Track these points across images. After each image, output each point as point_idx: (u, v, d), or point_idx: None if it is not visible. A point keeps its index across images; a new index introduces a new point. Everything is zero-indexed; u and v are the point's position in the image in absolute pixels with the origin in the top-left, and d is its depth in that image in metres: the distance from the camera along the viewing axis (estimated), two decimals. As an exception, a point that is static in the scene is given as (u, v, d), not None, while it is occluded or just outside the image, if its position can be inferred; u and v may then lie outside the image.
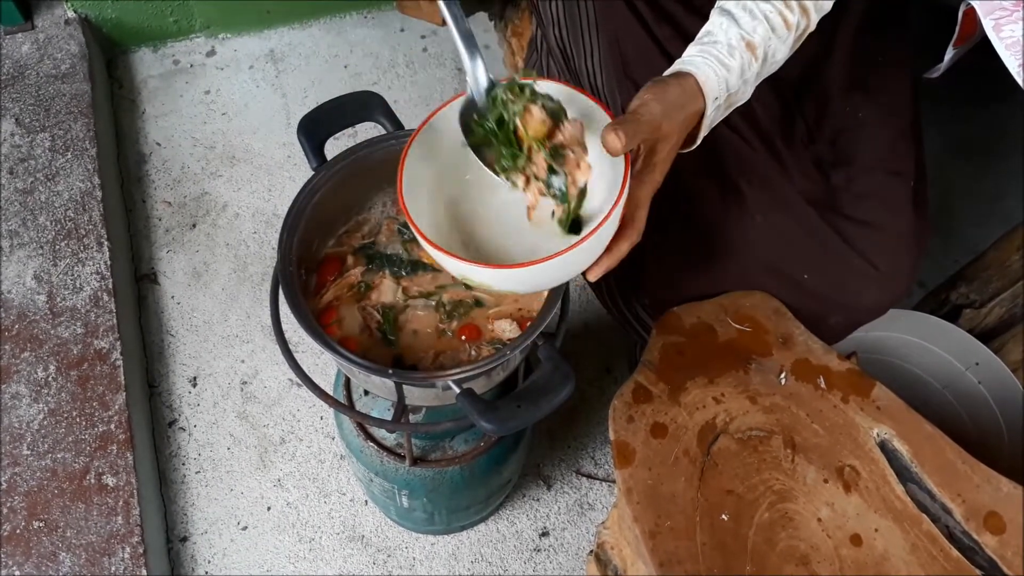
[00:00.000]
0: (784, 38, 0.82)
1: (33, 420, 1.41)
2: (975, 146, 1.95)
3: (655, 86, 0.78)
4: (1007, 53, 0.93)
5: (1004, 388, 1.33)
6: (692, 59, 0.80)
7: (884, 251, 1.06)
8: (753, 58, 0.81)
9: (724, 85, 0.80)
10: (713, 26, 0.82)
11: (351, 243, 1.00)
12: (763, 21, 0.81)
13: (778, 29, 0.81)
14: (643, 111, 0.75)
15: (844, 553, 0.91)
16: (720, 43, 0.80)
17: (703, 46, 0.81)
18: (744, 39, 0.80)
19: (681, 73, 0.79)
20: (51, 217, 1.61)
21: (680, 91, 0.78)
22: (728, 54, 0.79)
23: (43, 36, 1.84)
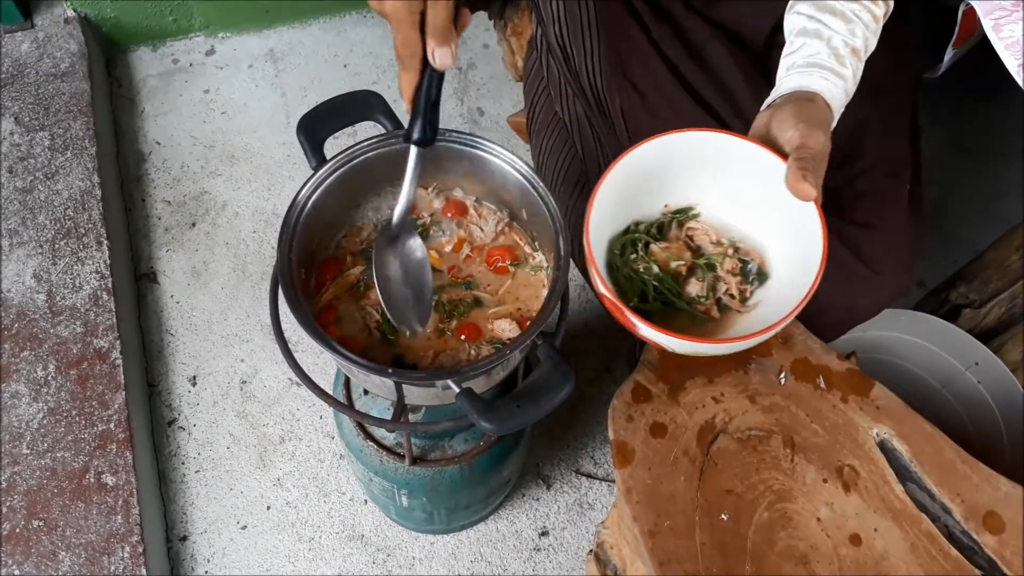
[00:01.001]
0: (875, 31, 0.83)
1: (33, 419, 1.41)
2: (974, 146, 1.95)
3: (802, 112, 0.77)
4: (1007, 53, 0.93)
5: (1003, 388, 1.33)
6: (808, 80, 0.80)
7: (882, 252, 1.06)
8: (859, 62, 0.81)
9: (844, 95, 0.81)
10: (807, 37, 0.81)
11: (350, 248, 1.00)
12: (858, 22, 0.81)
13: (870, 25, 0.82)
14: (811, 143, 0.75)
15: (843, 553, 0.91)
16: (824, 54, 0.80)
17: (809, 62, 0.80)
18: (848, 45, 0.80)
19: (808, 93, 0.79)
20: (50, 216, 1.61)
21: (821, 112, 0.78)
22: (840, 64, 0.80)
23: (42, 35, 1.83)
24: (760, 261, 0.87)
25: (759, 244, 0.88)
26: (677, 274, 0.87)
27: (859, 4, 0.81)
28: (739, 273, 0.86)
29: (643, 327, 0.77)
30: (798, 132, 0.76)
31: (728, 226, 0.90)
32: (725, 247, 0.88)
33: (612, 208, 0.85)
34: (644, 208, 0.90)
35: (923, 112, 1.16)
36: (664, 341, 0.77)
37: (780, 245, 0.86)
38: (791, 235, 0.82)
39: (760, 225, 0.88)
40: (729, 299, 0.86)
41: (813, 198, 0.73)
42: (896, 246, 1.07)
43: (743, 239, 0.89)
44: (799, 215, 0.78)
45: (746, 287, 0.87)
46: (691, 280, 0.87)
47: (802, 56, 0.81)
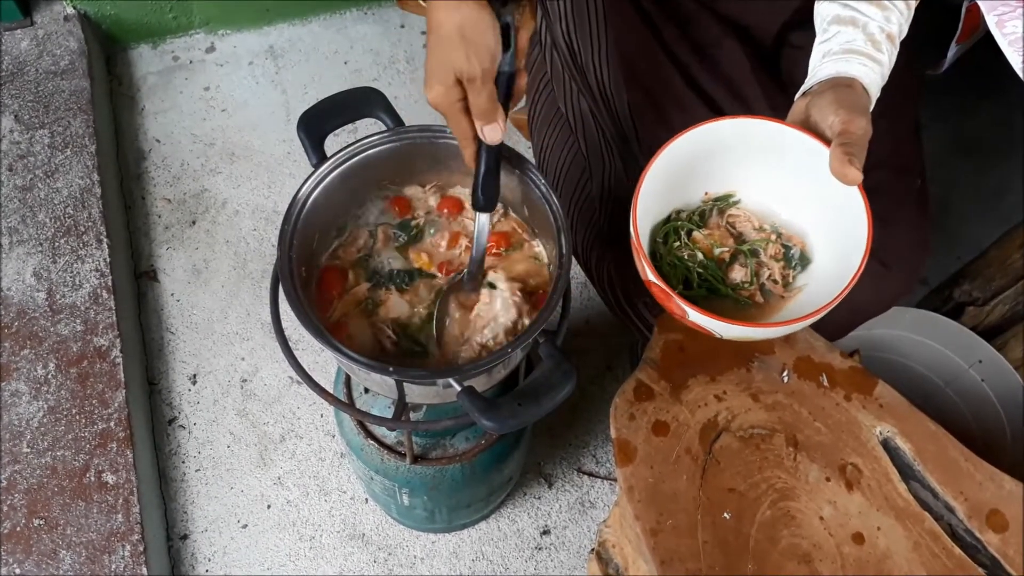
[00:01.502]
0: (908, 18, 0.83)
1: (33, 418, 1.41)
2: (978, 143, 1.94)
3: (843, 98, 0.78)
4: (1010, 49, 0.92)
5: (1007, 385, 1.33)
6: (846, 66, 0.80)
7: (892, 247, 1.06)
8: (894, 48, 0.82)
9: (881, 80, 0.81)
10: (843, 25, 0.82)
11: (348, 258, 0.99)
12: (893, 9, 0.81)
13: (904, 12, 0.82)
14: (854, 128, 0.75)
15: (846, 551, 0.90)
16: (858, 40, 0.80)
17: (846, 48, 0.80)
18: (884, 31, 0.80)
19: (847, 79, 0.79)
20: (50, 214, 1.60)
21: (861, 98, 0.78)
22: (876, 50, 0.80)
23: (42, 32, 1.83)
24: (802, 246, 0.88)
25: (800, 230, 0.88)
26: (720, 260, 0.87)
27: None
28: (782, 258, 0.87)
29: (693, 313, 0.76)
30: (839, 118, 0.76)
31: (769, 212, 0.90)
32: (768, 232, 0.88)
33: (655, 197, 0.85)
34: (685, 196, 0.90)
35: (926, 109, 1.16)
36: (714, 326, 0.77)
37: (822, 230, 0.86)
38: (833, 220, 0.82)
39: (801, 211, 0.88)
40: (772, 284, 0.87)
41: (858, 181, 0.73)
42: (906, 241, 1.07)
43: (784, 225, 0.89)
44: (842, 200, 0.78)
45: (789, 272, 0.87)
46: (734, 266, 0.87)
47: (838, 43, 0.81)
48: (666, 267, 0.87)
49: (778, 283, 0.86)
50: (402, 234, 1.00)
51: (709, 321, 0.76)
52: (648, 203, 0.84)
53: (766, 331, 0.80)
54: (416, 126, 0.97)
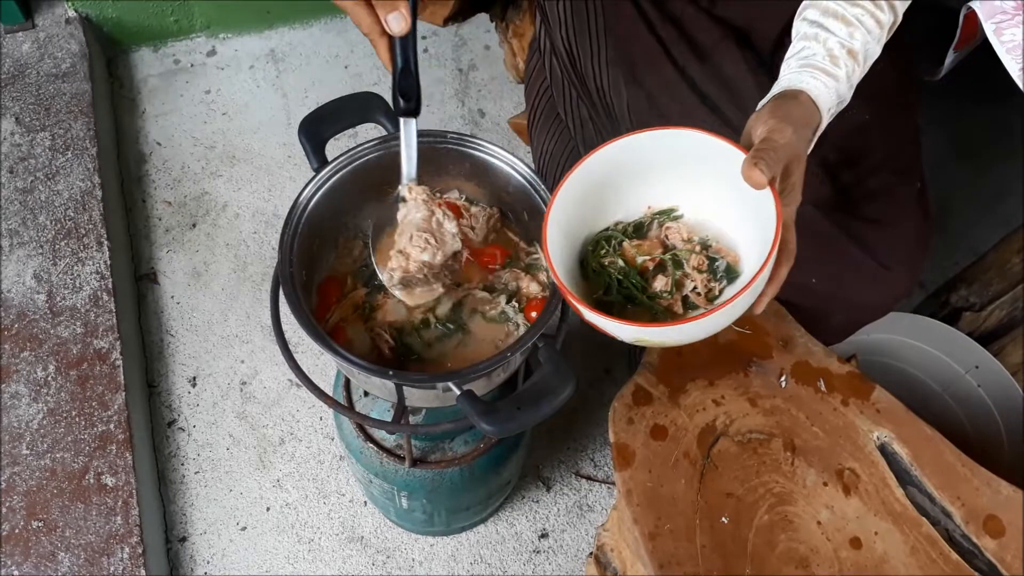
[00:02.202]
0: (879, 38, 0.83)
1: (32, 420, 1.41)
2: (976, 148, 1.95)
3: (777, 109, 0.78)
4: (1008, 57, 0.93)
5: (1004, 391, 1.33)
6: (796, 77, 0.80)
7: (893, 249, 1.06)
8: (856, 64, 0.81)
9: (835, 95, 0.80)
10: (807, 40, 0.82)
11: (345, 270, 0.99)
12: (859, 26, 0.81)
13: (873, 31, 0.82)
14: (777, 137, 0.75)
15: (844, 555, 0.91)
16: (820, 55, 0.80)
17: (803, 61, 0.81)
18: (845, 47, 0.80)
19: (793, 91, 0.79)
20: (51, 216, 1.61)
21: (801, 109, 0.78)
22: (833, 64, 0.80)
23: (44, 35, 1.83)
24: (732, 259, 0.87)
25: (733, 241, 0.88)
26: (644, 269, 0.87)
27: (861, 9, 0.81)
28: (706, 270, 0.86)
29: (587, 312, 0.76)
30: (767, 127, 0.76)
31: (706, 225, 0.89)
32: (693, 244, 0.87)
33: (583, 207, 0.85)
34: (627, 208, 0.90)
35: (924, 114, 1.16)
36: (606, 325, 0.76)
37: (751, 240, 0.85)
38: (758, 229, 0.81)
39: (734, 222, 0.87)
40: (696, 296, 0.85)
41: (764, 185, 0.73)
42: (906, 242, 1.07)
43: (719, 237, 0.88)
44: (760, 206, 0.77)
45: (714, 285, 0.86)
46: (658, 276, 0.86)
47: (797, 59, 0.82)
48: (591, 273, 0.87)
49: (701, 295, 0.85)
50: None
51: (600, 319, 0.76)
52: (575, 211, 0.84)
53: (651, 331, 0.77)
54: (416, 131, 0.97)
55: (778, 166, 0.74)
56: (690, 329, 0.76)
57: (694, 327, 0.76)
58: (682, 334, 0.78)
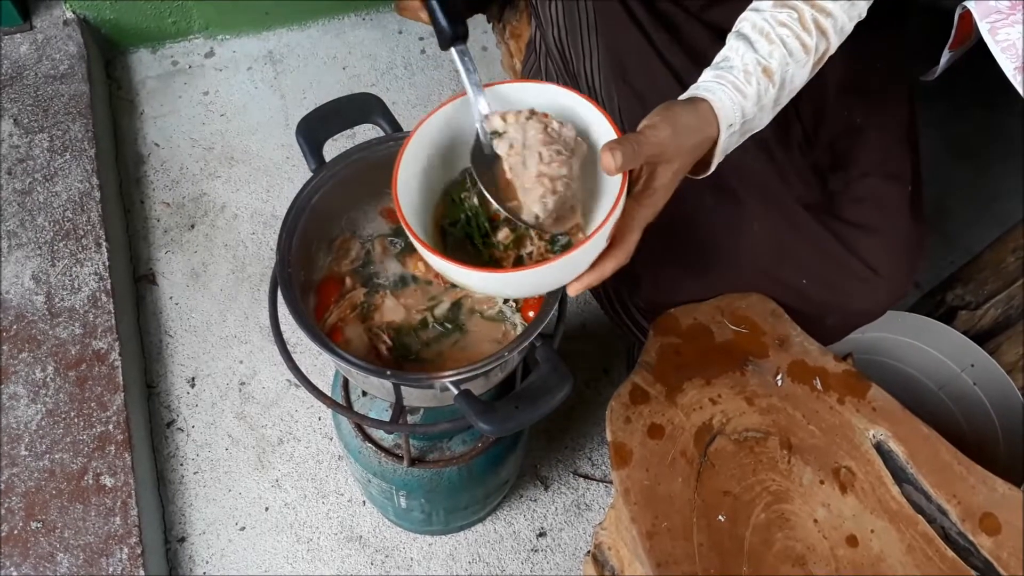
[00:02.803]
0: (803, 62, 0.81)
1: (31, 421, 1.41)
2: (971, 147, 1.95)
3: (666, 109, 0.77)
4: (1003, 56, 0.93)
5: (999, 390, 1.34)
6: (708, 84, 0.79)
7: (883, 254, 1.06)
8: (771, 84, 0.80)
9: (740, 112, 0.79)
10: (730, 51, 0.81)
11: (341, 271, 0.99)
12: (780, 45, 0.79)
13: (795, 53, 0.80)
14: (649, 133, 0.75)
15: (840, 554, 0.91)
16: (736, 68, 0.79)
17: (719, 71, 0.80)
18: (761, 64, 0.79)
19: (696, 99, 0.78)
20: (49, 218, 1.61)
21: (693, 116, 0.77)
22: (744, 80, 0.78)
23: (41, 37, 1.84)
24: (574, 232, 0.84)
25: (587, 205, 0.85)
26: (495, 217, 0.85)
27: (788, 30, 0.80)
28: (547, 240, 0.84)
29: (417, 245, 0.76)
30: (648, 122, 0.76)
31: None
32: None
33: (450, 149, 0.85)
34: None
35: (920, 115, 1.17)
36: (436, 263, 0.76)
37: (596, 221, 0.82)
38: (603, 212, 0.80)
39: (590, 195, 0.85)
40: (528, 260, 0.84)
41: (613, 172, 0.72)
42: (896, 248, 1.07)
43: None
44: (611, 190, 0.76)
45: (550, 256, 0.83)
46: (504, 228, 0.85)
47: (714, 67, 0.81)
48: (449, 202, 0.86)
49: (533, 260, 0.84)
50: (399, 241, 1.01)
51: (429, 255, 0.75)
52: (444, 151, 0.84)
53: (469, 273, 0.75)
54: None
55: (636, 160, 0.73)
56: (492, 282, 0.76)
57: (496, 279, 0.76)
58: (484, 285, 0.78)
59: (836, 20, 0.82)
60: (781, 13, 0.80)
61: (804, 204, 1.06)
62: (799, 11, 0.80)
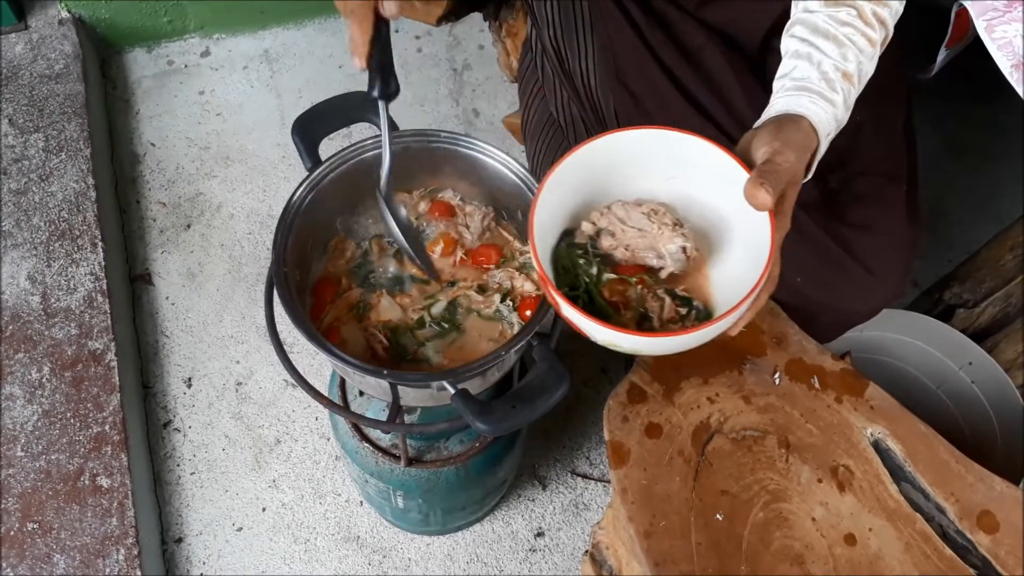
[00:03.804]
0: (871, 56, 0.81)
1: (27, 421, 1.40)
2: (968, 146, 1.95)
3: (778, 132, 0.76)
4: (999, 54, 0.93)
5: (997, 388, 1.34)
6: (796, 101, 0.78)
7: (879, 254, 1.06)
8: (852, 87, 0.79)
9: (834, 121, 0.79)
10: (799, 60, 0.80)
11: (337, 272, 0.99)
12: (851, 46, 0.79)
13: (865, 50, 0.80)
14: (780, 160, 0.74)
15: (838, 552, 0.91)
16: (814, 78, 0.78)
17: (798, 83, 0.79)
18: (839, 69, 0.79)
19: (794, 116, 0.78)
20: (45, 218, 1.60)
21: (801, 134, 0.77)
22: (830, 89, 0.78)
23: (36, 36, 1.83)
24: (704, 300, 0.84)
25: (713, 250, 0.86)
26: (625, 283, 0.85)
27: (852, 28, 0.79)
28: (680, 311, 0.83)
29: (565, 307, 0.75)
30: (770, 148, 0.75)
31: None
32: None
33: (571, 191, 0.83)
34: (603, 200, 0.87)
35: (917, 113, 1.17)
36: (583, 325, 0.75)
37: (734, 257, 0.83)
38: (745, 248, 0.80)
39: (717, 234, 0.85)
40: (653, 317, 0.83)
41: (768, 206, 0.72)
42: (893, 247, 1.07)
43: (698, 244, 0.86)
44: (752, 227, 0.76)
45: (682, 311, 0.84)
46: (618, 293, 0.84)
47: (792, 79, 0.80)
48: (560, 269, 0.85)
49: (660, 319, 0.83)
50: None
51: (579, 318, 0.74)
52: (563, 196, 0.82)
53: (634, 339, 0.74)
54: (410, 130, 0.97)
55: (779, 189, 0.72)
56: (667, 343, 0.75)
57: (671, 341, 0.75)
58: (657, 346, 0.77)
59: (891, 8, 0.82)
60: (840, 12, 0.80)
61: (801, 203, 1.05)
62: (858, 7, 0.80)
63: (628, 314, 0.82)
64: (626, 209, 0.84)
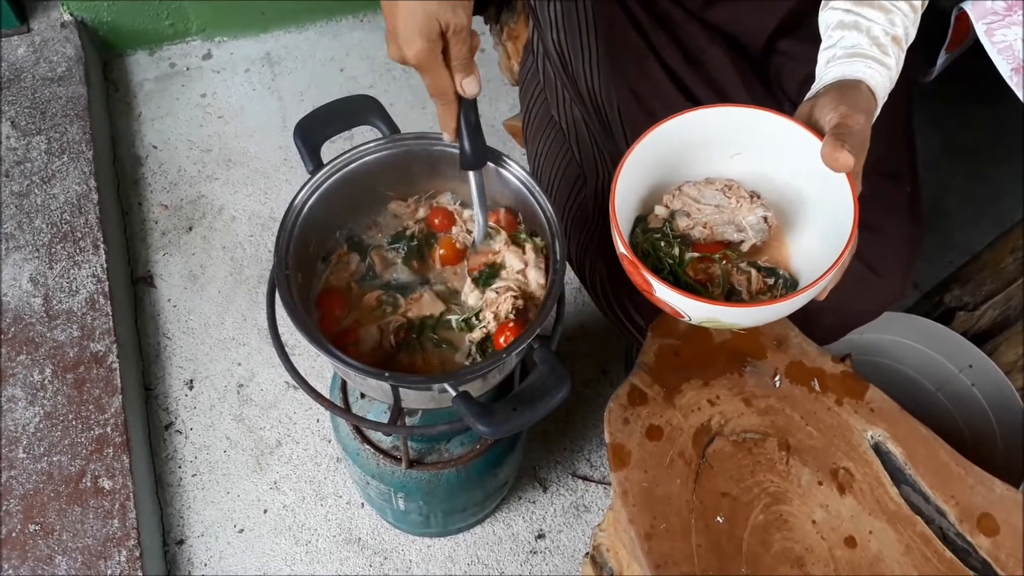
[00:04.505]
0: (915, 22, 0.82)
1: (29, 423, 1.41)
2: (968, 148, 1.96)
3: (843, 97, 0.77)
4: (999, 57, 0.93)
5: (997, 390, 1.34)
6: (852, 68, 0.79)
7: (881, 254, 1.06)
8: (901, 51, 0.80)
9: (889, 83, 0.80)
10: (845, 30, 0.81)
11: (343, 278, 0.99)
12: (897, 12, 0.80)
13: (909, 15, 0.81)
14: (852, 122, 0.74)
15: (838, 555, 0.91)
16: (863, 44, 0.79)
17: (850, 52, 0.79)
18: (889, 34, 0.79)
19: (853, 81, 0.78)
20: (47, 220, 1.61)
21: (864, 99, 0.77)
22: (883, 53, 0.79)
23: (39, 39, 1.84)
24: (785, 267, 0.86)
25: (791, 225, 0.87)
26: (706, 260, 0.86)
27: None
28: (768, 282, 0.85)
29: (659, 287, 0.75)
30: (838, 113, 0.75)
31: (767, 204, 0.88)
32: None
33: (639, 181, 0.84)
34: (670, 184, 0.89)
35: (917, 115, 1.17)
36: (680, 304, 0.75)
37: (813, 229, 0.84)
38: (822, 215, 0.80)
39: (790, 204, 0.86)
40: (746, 290, 0.85)
41: (850, 166, 0.72)
42: (895, 248, 1.07)
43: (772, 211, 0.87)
44: (830, 192, 0.76)
45: (769, 281, 0.85)
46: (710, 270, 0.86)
47: (842, 48, 0.80)
48: (639, 254, 0.85)
49: (748, 291, 0.84)
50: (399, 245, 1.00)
51: (675, 297, 0.75)
52: (632, 184, 0.83)
53: (735, 311, 0.76)
54: (412, 133, 0.98)
55: (860, 150, 0.73)
56: (762, 312, 0.76)
57: (768, 310, 0.75)
58: (752, 316, 0.78)
59: None
60: None
61: None
62: None
63: (716, 291, 0.83)
64: (698, 188, 0.86)
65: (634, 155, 0.82)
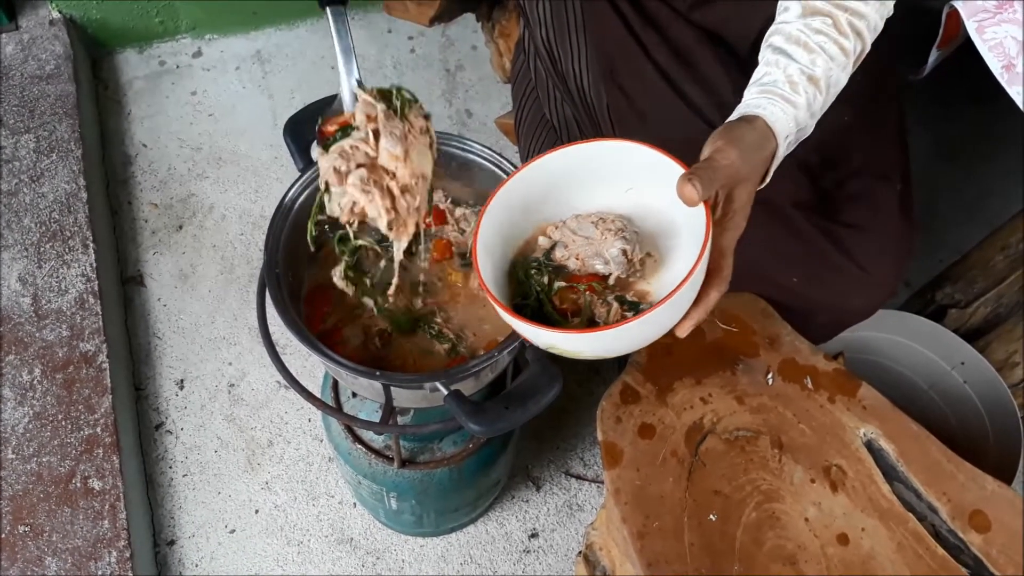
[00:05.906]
0: (844, 65, 0.81)
1: (18, 424, 1.40)
2: (959, 146, 1.96)
3: (727, 131, 0.77)
4: (990, 55, 0.94)
5: (989, 387, 1.34)
6: (756, 101, 0.79)
7: (873, 254, 1.07)
8: (817, 91, 0.80)
9: (794, 123, 0.79)
10: (768, 66, 0.81)
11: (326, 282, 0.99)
12: (821, 53, 0.80)
13: (836, 58, 0.80)
14: (718, 157, 0.74)
15: (831, 552, 0.91)
16: (780, 82, 0.79)
17: (763, 87, 0.80)
18: (805, 73, 0.79)
19: (750, 116, 0.78)
20: (36, 219, 1.60)
21: (754, 134, 0.77)
22: (792, 91, 0.79)
23: (27, 37, 1.82)
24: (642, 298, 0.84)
25: (668, 258, 0.86)
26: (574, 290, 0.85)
27: (825, 37, 0.80)
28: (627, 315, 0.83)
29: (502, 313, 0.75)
30: (712, 147, 0.76)
31: (644, 240, 0.87)
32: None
33: (515, 216, 0.84)
34: (553, 216, 0.88)
35: (909, 114, 1.17)
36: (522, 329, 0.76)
37: (685, 258, 0.83)
38: (692, 248, 0.78)
39: (668, 238, 0.86)
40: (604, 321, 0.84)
41: (696, 202, 0.72)
42: (887, 247, 1.07)
43: (653, 250, 0.86)
44: (694, 225, 0.75)
45: (628, 315, 0.83)
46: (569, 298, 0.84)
47: (758, 84, 0.81)
48: (517, 277, 0.85)
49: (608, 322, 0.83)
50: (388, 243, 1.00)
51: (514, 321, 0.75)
52: (510, 215, 0.83)
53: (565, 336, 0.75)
54: (402, 131, 0.97)
55: (713, 186, 0.73)
56: (603, 339, 0.74)
57: (607, 336, 0.73)
58: (594, 343, 0.76)
59: (869, 21, 0.82)
60: (815, 21, 0.80)
61: (794, 203, 1.06)
62: (834, 17, 0.81)
63: (576, 320, 0.82)
64: (579, 221, 0.86)
65: (507, 187, 0.81)
